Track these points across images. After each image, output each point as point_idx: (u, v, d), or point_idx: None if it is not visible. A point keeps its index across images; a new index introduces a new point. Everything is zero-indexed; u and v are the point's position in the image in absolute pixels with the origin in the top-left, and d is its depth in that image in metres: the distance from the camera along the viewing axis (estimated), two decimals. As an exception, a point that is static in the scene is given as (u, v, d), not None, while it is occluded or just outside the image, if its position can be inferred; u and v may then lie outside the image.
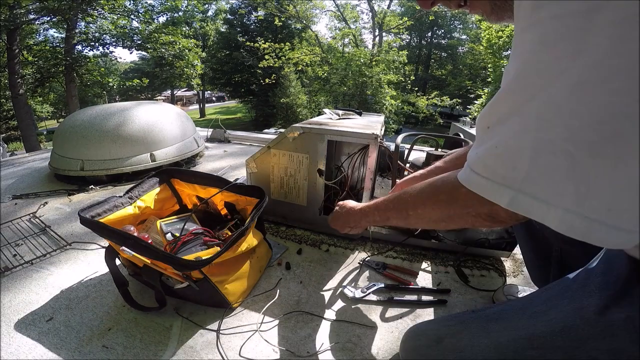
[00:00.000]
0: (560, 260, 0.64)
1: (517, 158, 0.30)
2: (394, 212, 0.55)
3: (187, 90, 24.21)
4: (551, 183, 0.28)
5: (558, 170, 0.27)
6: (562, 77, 0.26)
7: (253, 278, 0.85)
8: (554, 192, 0.28)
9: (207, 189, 0.99)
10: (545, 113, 0.27)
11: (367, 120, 1.24)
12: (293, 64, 10.95)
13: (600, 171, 0.25)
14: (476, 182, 0.35)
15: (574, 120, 0.26)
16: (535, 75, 0.28)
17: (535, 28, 0.27)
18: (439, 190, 0.45)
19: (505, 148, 0.31)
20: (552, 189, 0.28)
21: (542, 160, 0.28)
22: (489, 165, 0.34)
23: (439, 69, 21.05)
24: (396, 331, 0.73)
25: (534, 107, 0.28)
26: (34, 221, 1.22)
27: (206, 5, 16.38)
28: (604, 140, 0.25)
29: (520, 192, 0.30)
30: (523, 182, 0.30)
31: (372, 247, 1.05)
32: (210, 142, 2.59)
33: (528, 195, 0.30)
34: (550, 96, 0.27)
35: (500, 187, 0.32)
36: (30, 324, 0.73)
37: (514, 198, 0.31)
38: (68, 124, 1.70)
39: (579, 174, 0.26)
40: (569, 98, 0.26)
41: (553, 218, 0.28)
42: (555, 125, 0.27)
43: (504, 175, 0.32)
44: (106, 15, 7.51)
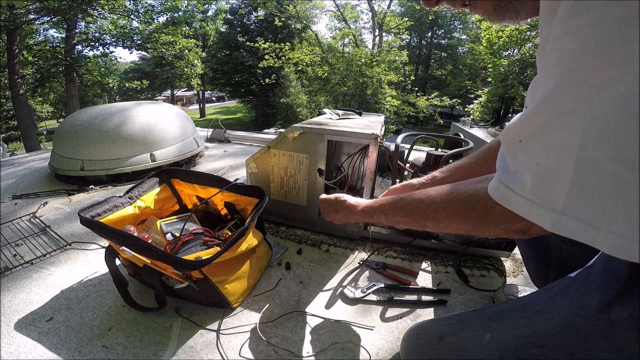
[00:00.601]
0: (560, 260, 0.64)
1: (558, 178, 0.28)
2: (407, 219, 0.53)
3: (187, 90, 24.20)
4: (598, 206, 0.26)
5: (604, 192, 0.25)
6: (606, 89, 0.24)
7: (253, 278, 0.85)
8: (602, 215, 0.26)
9: (207, 189, 0.99)
10: (588, 129, 0.25)
11: (367, 120, 1.24)
12: (293, 64, 10.95)
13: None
14: (514, 201, 0.34)
15: (621, 138, 0.24)
16: (576, 87, 0.25)
17: (575, 35, 0.25)
18: (468, 207, 0.43)
19: (546, 167, 0.29)
20: (599, 212, 0.26)
21: (585, 181, 0.26)
22: (528, 184, 0.32)
23: (439, 69, 21.03)
24: (396, 331, 0.73)
25: (575, 122, 0.26)
26: (34, 221, 1.22)
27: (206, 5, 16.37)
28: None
29: (564, 214, 0.29)
30: (565, 205, 0.28)
31: (372, 247, 1.05)
32: (210, 142, 2.59)
33: (573, 218, 0.28)
34: (594, 109, 0.25)
35: (542, 208, 0.30)
36: (30, 324, 0.73)
37: (557, 221, 0.29)
38: (68, 124, 1.70)
39: (630, 196, 0.24)
40: (615, 112, 0.24)
41: (604, 242, 0.27)
42: (600, 142, 0.25)
43: (546, 196, 0.30)
44: (106, 15, 7.51)
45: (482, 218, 0.41)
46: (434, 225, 0.49)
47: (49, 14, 6.78)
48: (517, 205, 0.34)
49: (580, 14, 0.25)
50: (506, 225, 0.39)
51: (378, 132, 0.94)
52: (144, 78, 9.53)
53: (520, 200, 0.33)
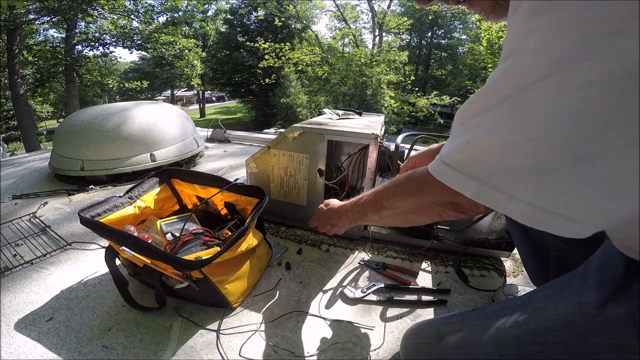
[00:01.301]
0: (559, 260, 0.64)
1: (486, 155, 0.32)
2: (369, 205, 0.57)
3: (187, 90, 24.20)
4: (515, 179, 0.30)
5: (522, 168, 0.29)
6: (538, 84, 0.27)
7: (253, 278, 0.85)
8: (517, 187, 0.30)
9: (207, 189, 0.99)
10: (517, 115, 0.29)
11: (367, 120, 1.24)
12: (293, 64, 10.94)
13: (560, 172, 0.27)
14: (444, 172, 0.38)
15: (542, 126, 0.27)
16: (515, 79, 0.29)
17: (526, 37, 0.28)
18: (409, 179, 0.47)
19: (475, 145, 0.33)
20: (515, 184, 0.30)
21: (509, 158, 0.30)
22: (458, 158, 0.36)
23: (439, 69, 21.03)
24: (396, 331, 0.73)
25: (507, 108, 0.30)
26: (34, 221, 1.22)
27: (206, 5, 16.37)
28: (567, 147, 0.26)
29: (487, 184, 0.32)
30: (490, 176, 0.32)
31: (372, 247, 1.05)
32: (210, 142, 2.59)
33: (493, 188, 0.32)
34: (524, 99, 0.28)
35: (468, 178, 0.34)
36: (30, 324, 0.73)
37: (479, 190, 0.33)
38: (68, 124, 1.70)
39: (541, 173, 0.28)
40: (541, 104, 0.27)
41: (515, 209, 0.31)
42: (525, 127, 0.28)
43: (473, 168, 0.34)
44: (106, 15, 7.51)
45: (417, 189, 0.45)
46: (386, 204, 0.52)
47: (49, 14, 6.79)
48: (446, 176, 0.37)
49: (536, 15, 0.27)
50: (438, 198, 0.42)
51: (378, 132, 0.94)
52: (144, 78, 9.54)
53: (449, 171, 0.37)
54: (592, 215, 0.29)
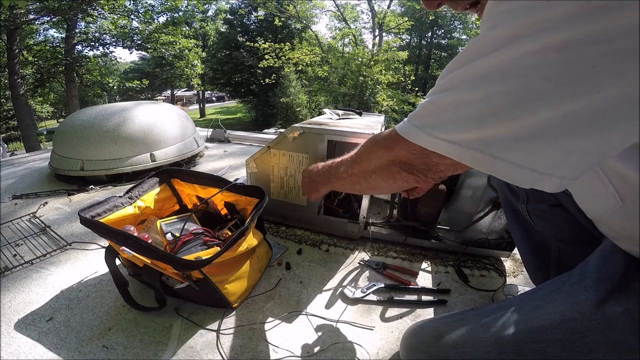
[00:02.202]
0: (559, 260, 0.65)
1: (441, 111, 0.36)
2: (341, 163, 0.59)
3: (187, 90, 24.22)
4: (464, 131, 0.34)
5: (470, 122, 0.33)
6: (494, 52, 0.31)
7: (253, 278, 0.85)
8: (466, 137, 0.34)
9: (207, 189, 0.99)
10: (469, 77, 0.33)
11: (367, 120, 1.23)
12: (293, 64, 10.94)
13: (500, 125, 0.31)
14: (405, 128, 0.40)
15: (487, 86, 0.31)
16: (474, 51, 0.33)
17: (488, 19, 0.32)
18: (379, 134, 0.50)
19: (435, 102, 0.37)
20: (464, 135, 0.34)
21: (458, 114, 0.34)
22: (420, 116, 0.39)
23: (439, 69, 21.02)
24: (396, 331, 0.73)
25: (463, 72, 0.34)
26: (34, 221, 1.22)
27: (206, 5, 16.37)
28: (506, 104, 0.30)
29: (440, 138, 0.36)
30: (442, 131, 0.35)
31: (372, 247, 1.05)
32: (210, 142, 2.59)
33: (446, 140, 0.35)
34: (475, 65, 0.32)
35: (424, 133, 0.37)
36: (30, 324, 0.73)
37: (434, 142, 0.36)
38: (68, 124, 1.70)
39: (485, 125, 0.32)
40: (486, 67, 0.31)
41: (466, 156, 0.34)
42: (473, 87, 0.32)
43: (429, 124, 0.37)
44: (106, 15, 7.51)
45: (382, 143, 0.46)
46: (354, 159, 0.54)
47: (49, 14, 6.79)
48: (408, 132, 0.40)
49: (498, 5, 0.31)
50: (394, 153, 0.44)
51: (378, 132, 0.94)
52: (144, 78, 9.52)
53: (409, 127, 0.40)
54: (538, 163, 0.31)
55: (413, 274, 0.93)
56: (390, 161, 0.45)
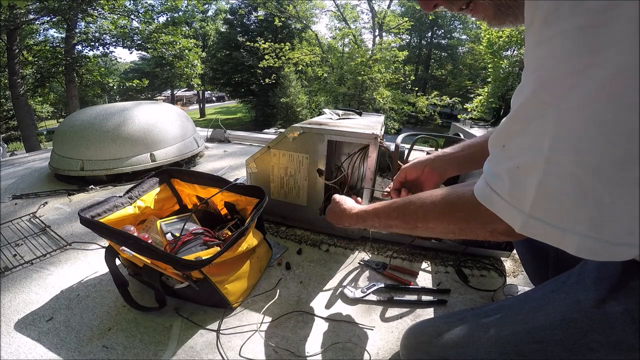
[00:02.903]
0: (558, 260, 0.64)
1: (529, 181, 0.29)
2: (398, 221, 0.54)
3: (187, 90, 24.20)
4: (561, 208, 0.27)
5: (568, 195, 0.26)
6: (570, 95, 0.24)
7: (253, 278, 0.85)
8: (566, 218, 0.27)
9: (207, 189, 0.99)
10: (555, 133, 0.26)
11: (367, 120, 1.23)
12: (293, 64, 10.95)
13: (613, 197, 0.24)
14: (496, 202, 0.35)
15: (582, 143, 0.24)
16: (547, 93, 0.27)
17: (547, 44, 0.26)
18: (455, 207, 0.44)
19: (520, 170, 0.31)
20: (563, 214, 0.27)
21: (550, 184, 0.27)
22: (506, 186, 0.33)
23: (439, 69, 21.03)
24: (396, 331, 0.73)
25: (545, 127, 0.27)
26: (34, 221, 1.22)
27: (206, 5, 16.36)
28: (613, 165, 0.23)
29: (531, 217, 0.30)
30: (532, 206, 0.29)
31: (372, 247, 1.05)
32: (210, 142, 2.59)
33: (539, 220, 0.29)
34: (560, 115, 0.26)
35: (514, 209, 0.32)
36: (30, 324, 0.73)
37: (525, 222, 0.30)
38: (68, 124, 1.70)
39: (590, 199, 0.25)
40: (577, 117, 0.24)
41: (570, 243, 0.28)
42: (564, 147, 0.26)
43: (518, 197, 0.31)
44: (106, 15, 7.51)
45: (468, 217, 0.42)
46: (423, 226, 0.49)
47: (49, 14, 6.78)
48: (497, 206, 0.35)
49: (551, 24, 0.25)
50: (491, 226, 0.39)
51: (378, 132, 0.94)
52: (144, 78, 9.52)
53: (500, 201, 0.34)
54: None
55: (413, 274, 0.93)
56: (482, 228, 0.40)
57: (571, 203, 0.26)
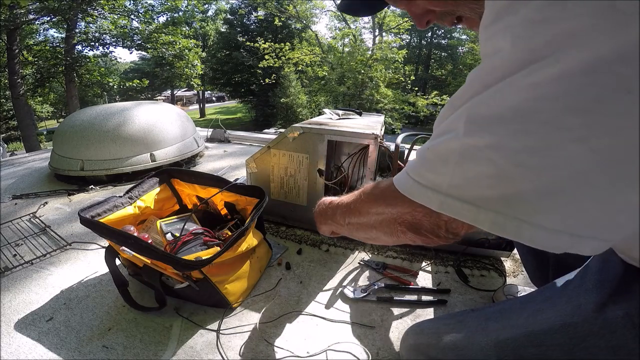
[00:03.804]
0: (558, 260, 0.64)
1: (444, 162, 0.30)
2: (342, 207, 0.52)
3: (187, 90, 24.21)
4: (477, 188, 0.28)
5: (482, 175, 0.27)
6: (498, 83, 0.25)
7: (253, 278, 0.85)
8: (481, 196, 0.28)
9: (207, 189, 0.99)
10: (474, 117, 0.27)
11: (367, 120, 1.23)
12: (293, 64, 10.95)
13: (525, 180, 0.25)
14: (406, 184, 0.35)
15: (500, 127, 0.25)
16: (476, 81, 0.28)
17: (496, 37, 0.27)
18: (375, 185, 0.45)
19: (434, 151, 0.31)
20: (479, 193, 0.28)
21: (466, 165, 0.28)
22: (419, 169, 0.34)
23: (439, 69, 21.03)
24: (396, 331, 0.73)
25: (465, 111, 0.28)
26: (34, 221, 1.22)
27: (206, 5, 16.37)
28: (527, 151, 0.24)
29: (449, 195, 0.30)
30: (450, 186, 0.30)
31: (372, 247, 1.05)
32: (210, 142, 2.59)
33: (456, 199, 0.30)
34: (480, 100, 0.27)
35: (428, 190, 0.32)
36: (30, 324, 0.73)
37: (443, 202, 0.31)
38: (68, 124, 1.70)
39: (504, 180, 0.26)
40: (494, 102, 0.25)
41: (484, 219, 0.28)
42: (480, 130, 0.27)
43: (433, 179, 0.32)
44: (106, 15, 7.51)
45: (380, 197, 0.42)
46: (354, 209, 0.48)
47: (49, 14, 6.78)
48: (407, 187, 0.35)
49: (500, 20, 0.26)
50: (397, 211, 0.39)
51: (378, 132, 0.94)
52: (144, 78, 9.53)
53: (410, 183, 0.34)
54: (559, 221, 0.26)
55: (413, 274, 0.93)
56: (393, 219, 0.40)
57: (486, 183, 0.27)
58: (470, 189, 0.29)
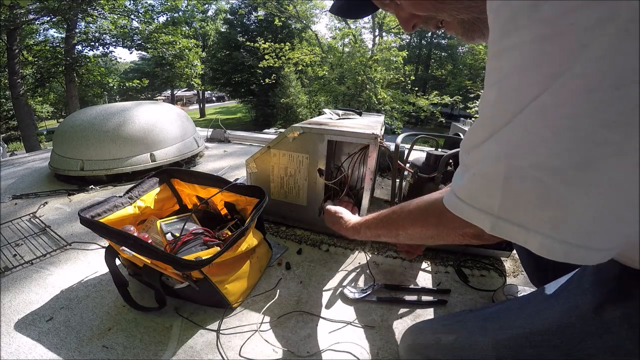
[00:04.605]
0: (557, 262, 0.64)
1: (492, 185, 0.31)
2: (384, 230, 0.59)
3: (187, 90, 24.22)
4: (526, 209, 0.29)
5: (530, 197, 0.28)
6: (532, 103, 0.26)
7: (253, 278, 0.85)
8: (530, 218, 0.29)
9: (207, 189, 0.99)
10: (516, 139, 0.28)
11: (367, 120, 1.23)
12: (293, 64, 10.94)
13: (573, 198, 0.25)
14: (460, 208, 0.36)
15: (541, 148, 0.26)
16: (510, 101, 0.28)
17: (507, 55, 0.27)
18: (427, 213, 0.47)
19: (481, 176, 0.32)
20: (528, 215, 0.29)
21: (514, 187, 0.29)
22: (469, 192, 0.35)
23: (439, 69, 21.04)
24: (396, 331, 0.73)
25: (506, 133, 0.28)
26: (34, 221, 1.22)
27: (206, 5, 16.38)
28: (573, 168, 0.25)
29: (500, 218, 0.31)
30: (500, 208, 0.31)
31: (372, 247, 1.05)
32: (210, 142, 2.59)
33: (507, 221, 0.30)
34: (520, 121, 0.27)
35: (481, 213, 0.33)
36: (30, 324, 0.73)
37: (494, 224, 0.32)
38: (68, 124, 1.70)
39: (553, 200, 0.27)
40: (536, 123, 0.26)
41: (533, 242, 0.29)
42: (524, 151, 0.27)
43: (483, 202, 0.32)
44: (106, 15, 7.51)
45: (439, 223, 0.45)
46: (404, 233, 0.53)
47: (49, 14, 6.78)
48: (462, 211, 0.36)
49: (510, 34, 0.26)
50: (461, 230, 0.42)
51: (378, 132, 0.94)
52: (144, 78, 9.53)
53: (464, 207, 0.35)
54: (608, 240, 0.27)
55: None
56: (454, 232, 0.43)
57: (534, 204, 0.28)
58: (519, 210, 0.29)
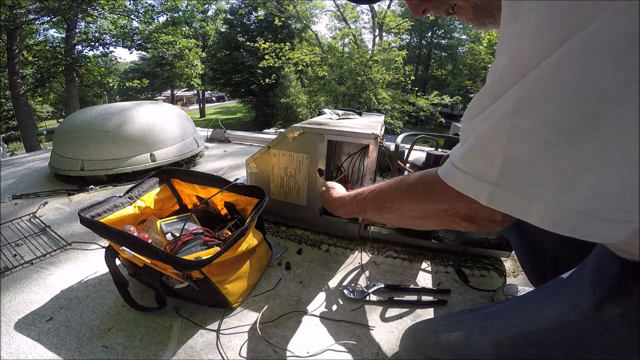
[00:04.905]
0: (555, 260, 0.64)
1: (493, 148, 0.28)
2: (370, 202, 0.54)
3: (187, 90, 24.22)
4: (529, 174, 0.26)
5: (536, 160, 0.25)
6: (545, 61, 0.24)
7: (253, 278, 0.85)
8: (533, 184, 0.26)
9: (207, 189, 0.99)
10: (522, 98, 0.25)
11: (367, 120, 1.23)
12: (293, 64, 10.95)
13: (582, 158, 0.23)
14: (455, 176, 0.33)
15: (551, 104, 0.24)
16: (520, 62, 0.26)
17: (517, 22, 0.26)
18: (417, 183, 0.43)
19: (481, 139, 0.29)
20: (531, 180, 0.26)
21: (517, 150, 0.26)
22: (467, 159, 0.32)
23: (439, 69, 21.03)
24: (396, 331, 0.73)
25: (513, 93, 0.26)
26: (34, 221, 1.22)
27: (206, 5, 16.38)
28: (583, 123, 0.23)
29: (498, 186, 0.28)
30: (500, 175, 0.28)
31: (372, 247, 1.05)
32: (210, 142, 2.59)
33: (506, 189, 0.27)
34: (528, 80, 0.25)
35: (478, 181, 0.30)
36: (30, 324, 0.73)
37: (492, 193, 0.29)
38: (68, 124, 1.70)
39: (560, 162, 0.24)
40: (546, 79, 0.24)
41: (535, 213, 0.26)
42: (532, 110, 0.25)
43: (482, 168, 0.29)
44: (106, 15, 7.51)
45: (427, 194, 0.40)
46: (390, 206, 0.48)
47: (49, 14, 6.78)
48: (457, 180, 0.33)
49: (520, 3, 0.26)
50: (450, 206, 0.38)
51: (378, 132, 0.94)
52: (144, 78, 9.53)
53: (459, 175, 0.32)
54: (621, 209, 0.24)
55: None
56: (443, 211, 0.39)
57: (539, 169, 0.25)
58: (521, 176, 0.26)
